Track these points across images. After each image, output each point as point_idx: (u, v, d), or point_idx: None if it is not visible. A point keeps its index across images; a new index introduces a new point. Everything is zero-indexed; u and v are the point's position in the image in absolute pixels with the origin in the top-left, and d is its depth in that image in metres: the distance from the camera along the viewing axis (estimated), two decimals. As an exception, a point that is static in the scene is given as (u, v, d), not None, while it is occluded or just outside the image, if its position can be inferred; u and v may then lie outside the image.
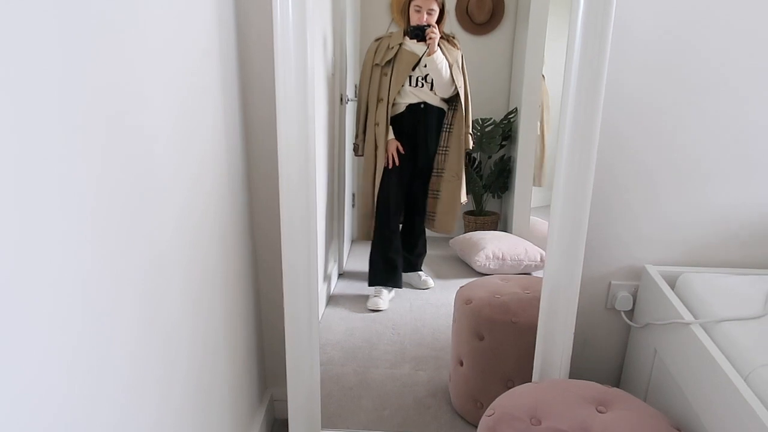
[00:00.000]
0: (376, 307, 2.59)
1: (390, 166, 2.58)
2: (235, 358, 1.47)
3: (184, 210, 1.09)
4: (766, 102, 1.42)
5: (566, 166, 1.33)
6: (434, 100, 2.61)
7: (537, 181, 3.35)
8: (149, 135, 0.93)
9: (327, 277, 2.63)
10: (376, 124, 2.57)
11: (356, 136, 2.71)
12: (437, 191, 2.75)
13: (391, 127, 2.57)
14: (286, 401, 1.53)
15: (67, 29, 0.69)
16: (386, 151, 2.58)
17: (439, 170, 2.73)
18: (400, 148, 2.58)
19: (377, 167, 2.60)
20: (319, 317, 2.44)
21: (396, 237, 2.72)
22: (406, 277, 2.90)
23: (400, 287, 2.73)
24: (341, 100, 2.77)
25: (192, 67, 1.11)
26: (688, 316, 1.29)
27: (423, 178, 2.72)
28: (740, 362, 1.12)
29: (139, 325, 0.91)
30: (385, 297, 2.65)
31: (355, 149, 2.72)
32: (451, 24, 3.45)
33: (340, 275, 2.97)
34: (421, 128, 2.63)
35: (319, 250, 2.37)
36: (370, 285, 2.69)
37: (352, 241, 3.50)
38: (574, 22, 1.25)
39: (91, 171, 0.75)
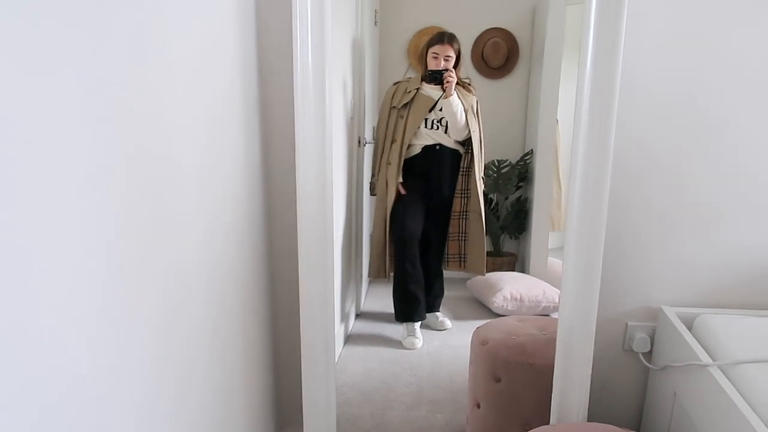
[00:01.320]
0: (413, 346, 2.59)
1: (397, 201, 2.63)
2: (250, 398, 1.48)
3: (202, 254, 1.12)
4: (779, 143, 1.44)
5: (578, 207, 1.34)
6: (449, 143, 2.65)
7: (554, 225, 3.37)
8: (175, 166, 0.97)
9: (345, 317, 2.64)
10: (389, 163, 2.63)
11: (372, 176, 2.78)
12: (465, 233, 2.77)
13: (401, 169, 2.62)
14: (301, 443, 1.53)
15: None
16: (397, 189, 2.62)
17: (463, 212, 2.75)
18: (401, 189, 2.63)
19: (388, 205, 2.64)
20: (336, 357, 2.44)
21: (416, 270, 2.72)
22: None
23: (423, 318, 2.75)
24: (359, 142, 2.84)
25: (216, 107, 1.17)
26: (705, 358, 1.27)
27: (438, 219, 2.75)
28: (761, 406, 1.10)
29: (153, 361, 0.93)
30: (420, 335, 2.66)
31: (372, 188, 2.80)
32: (467, 69, 3.55)
33: (358, 315, 2.98)
34: (435, 169, 2.68)
35: (336, 290, 2.39)
36: (397, 320, 2.72)
37: (370, 281, 3.52)
38: (583, 67, 1.29)
39: (122, 200, 0.79)
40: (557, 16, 3.07)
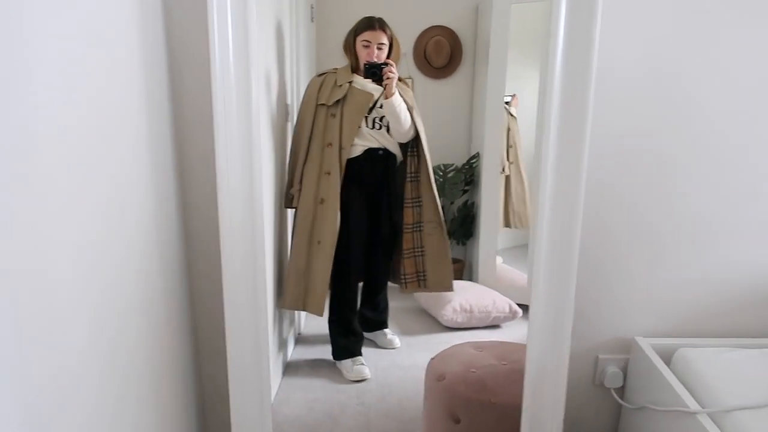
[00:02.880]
0: (363, 376, 2.30)
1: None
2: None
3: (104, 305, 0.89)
4: (761, 162, 1.33)
5: (549, 229, 1.19)
6: (392, 145, 2.30)
7: (522, 221, 3.24)
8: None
9: (283, 343, 2.41)
10: (327, 173, 2.17)
11: (290, 186, 2.28)
12: (422, 248, 2.40)
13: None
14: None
15: None
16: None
17: (417, 224, 2.38)
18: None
19: (317, 223, 2.19)
20: (276, 387, 2.21)
21: (356, 303, 2.47)
22: (371, 335, 2.68)
23: (361, 354, 2.46)
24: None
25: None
26: (692, 403, 1.14)
27: (382, 232, 2.43)
28: (758, 460, 0.98)
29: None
30: (364, 362, 2.38)
31: (290, 201, 2.29)
32: (410, 68, 3.37)
33: (298, 338, 2.75)
34: (379, 175, 2.31)
35: (271, 315, 2.16)
36: (338, 358, 2.41)
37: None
38: (552, 65, 1.12)
39: None
40: (501, 14, 2.94)
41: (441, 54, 3.35)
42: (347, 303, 2.43)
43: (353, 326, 2.46)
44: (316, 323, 2.94)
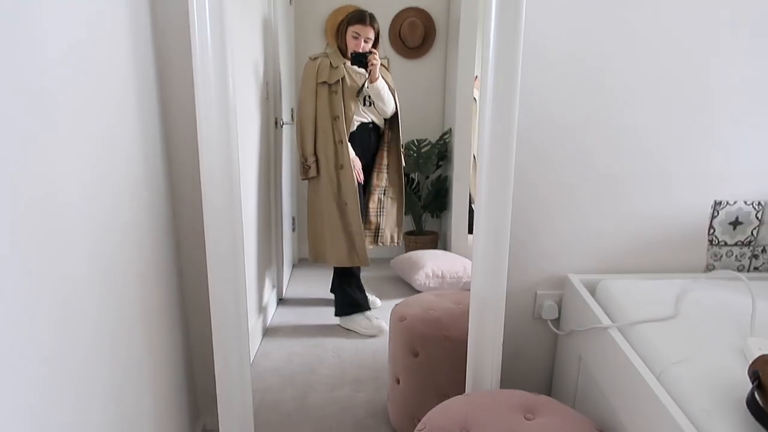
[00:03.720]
0: (382, 329, 2.53)
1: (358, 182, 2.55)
2: (161, 387, 1.42)
3: (99, 239, 1.06)
4: (666, 122, 1.52)
5: (487, 181, 1.36)
6: (379, 120, 2.62)
7: (474, 200, 3.43)
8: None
9: (264, 306, 2.59)
10: (340, 141, 2.47)
11: (306, 159, 2.52)
12: (383, 208, 2.74)
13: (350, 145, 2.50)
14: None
15: None
16: (354, 168, 2.50)
17: (383, 188, 2.73)
18: (359, 173, 2.55)
19: (343, 187, 2.50)
20: (258, 345, 2.39)
21: None
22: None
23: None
24: (276, 123, 2.77)
25: (107, 107, 1.10)
26: (605, 320, 1.34)
27: (368, 195, 2.72)
28: (654, 362, 1.17)
29: (52, 351, 0.87)
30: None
31: (306, 171, 2.54)
32: (385, 48, 3.53)
33: (280, 301, 2.93)
34: (369, 145, 2.63)
35: (252, 275, 2.33)
36: (352, 314, 2.61)
37: (294, 266, 3.47)
38: (487, 36, 1.29)
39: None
40: (471, -4, 3.10)
41: (415, 34, 3.51)
42: (358, 267, 2.69)
43: (362, 285, 2.72)
44: (299, 288, 3.12)
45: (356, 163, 2.55)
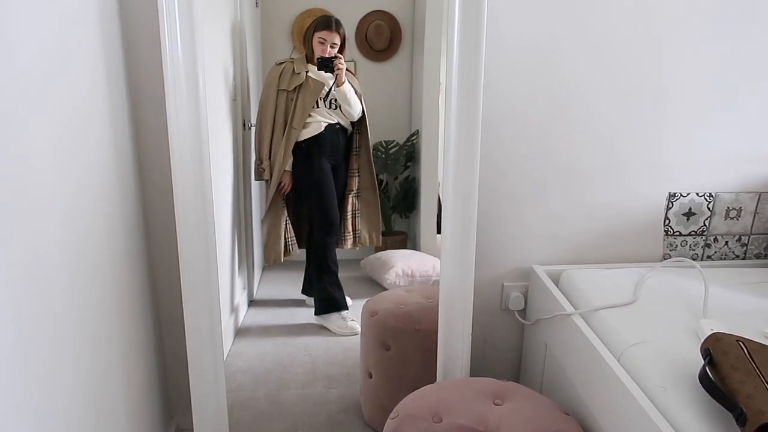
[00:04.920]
0: (357, 329, 2.55)
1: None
2: (133, 388, 1.42)
3: (66, 227, 1.06)
4: (623, 114, 1.59)
5: (453, 174, 1.41)
6: (345, 122, 2.67)
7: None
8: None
9: (235, 307, 2.59)
10: (289, 150, 2.54)
11: (260, 161, 2.62)
12: (358, 210, 2.83)
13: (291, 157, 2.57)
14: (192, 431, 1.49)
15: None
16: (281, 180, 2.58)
17: (356, 191, 2.80)
18: (285, 180, 2.61)
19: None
20: (229, 345, 2.39)
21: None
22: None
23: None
24: (244, 125, 2.78)
25: (78, 91, 1.10)
26: (569, 308, 1.40)
27: (342, 199, 2.77)
28: (614, 345, 1.23)
29: (16, 333, 0.87)
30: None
31: (260, 173, 2.63)
32: (352, 51, 3.57)
33: (251, 302, 2.93)
34: (337, 147, 2.67)
35: (224, 277, 2.34)
36: (329, 312, 2.65)
37: (264, 268, 3.47)
38: (451, 29, 1.34)
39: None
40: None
41: (381, 37, 3.55)
42: (335, 264, 2.75)
43: (339, 282, 2.74)
44: (270, 290, 3.12)
45: (284, 177, 2.60)
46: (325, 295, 2.66)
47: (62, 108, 1.05)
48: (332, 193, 2.65)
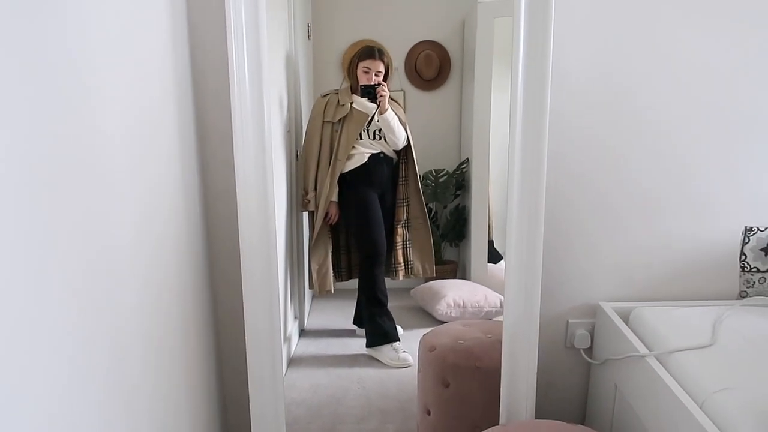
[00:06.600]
0: (409, 361, 2.51)
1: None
2: (196, 416, 1.42)
3: (145, 284, 1.08)
4: (699, 144, 1.54)
5: (518, 211, 1.38)
6: (389, 152, 2.68)
7: (491, 232, 3.44)
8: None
9: (288, 336, 2.59)
10: (333, 181, 2.57)
11: (306, 193, 2.65)
12: (409, 240, 2.82)
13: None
14: (251, 465, 1.48)
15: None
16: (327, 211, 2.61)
17: (406, 221, 2.80)
18: (332, 210, 2.64)
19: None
20: (284, 376, 2.38)
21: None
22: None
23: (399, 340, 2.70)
24: (297, 155, 2.81)
25: (149, 122, 1.13)
26: (642, 349, 1.33)
27: (392, 230, 2.77)
28: (694, 390, 1.16)
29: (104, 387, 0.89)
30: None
31: (305, 204, 2.66)
32: (402, 81, 3.59)
33: (302, 332, 2.93)
34: (381, 177, 2.67)
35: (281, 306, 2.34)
36: (379, 344, 2.61)
37: (313, 297, 3.48)
38: (516, 63, 1.32)
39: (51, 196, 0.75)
40: (486, 28, 3.16)
41: (431, 67, 3.56)
42: (384, 295, 2.75)
43: (389, 312, 2.73)
44: (321, 319, 3.12)
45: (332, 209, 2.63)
46: (376, 328, 2.64)
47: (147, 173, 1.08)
48: (379, 223, 2.65)
